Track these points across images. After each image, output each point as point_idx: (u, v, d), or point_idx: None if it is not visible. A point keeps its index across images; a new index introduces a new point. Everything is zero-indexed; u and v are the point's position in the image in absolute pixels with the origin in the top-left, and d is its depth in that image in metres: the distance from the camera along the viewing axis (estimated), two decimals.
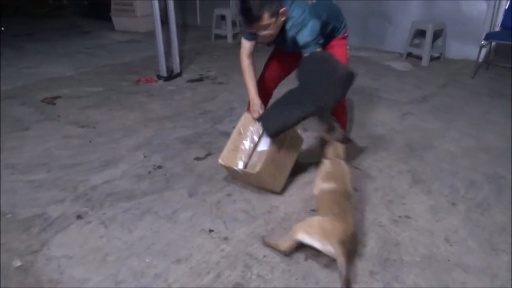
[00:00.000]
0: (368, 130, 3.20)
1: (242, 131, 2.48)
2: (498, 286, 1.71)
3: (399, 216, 2.16)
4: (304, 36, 2.10)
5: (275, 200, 2.31)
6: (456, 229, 2.06)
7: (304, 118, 2.07)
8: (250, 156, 2.46)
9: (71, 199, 2.34)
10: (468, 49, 4.95)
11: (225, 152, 2.40)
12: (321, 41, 2.17)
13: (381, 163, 2.70)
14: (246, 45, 2.38)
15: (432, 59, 5.14)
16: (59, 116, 3.55)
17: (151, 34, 4.66)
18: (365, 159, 2.74)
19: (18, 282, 1.74)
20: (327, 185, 1.98)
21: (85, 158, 2.80)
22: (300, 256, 1.87)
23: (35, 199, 2.34)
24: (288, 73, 2.62)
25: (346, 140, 2.16)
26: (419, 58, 5.11)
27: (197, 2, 8.07)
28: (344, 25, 2.46)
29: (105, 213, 2.20)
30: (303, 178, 2.52)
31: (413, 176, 2.54)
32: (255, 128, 2.48)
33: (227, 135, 3.01)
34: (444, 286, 1.71)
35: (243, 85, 2.55)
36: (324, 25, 2.23)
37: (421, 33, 5.08)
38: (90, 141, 3.06)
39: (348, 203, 1.90)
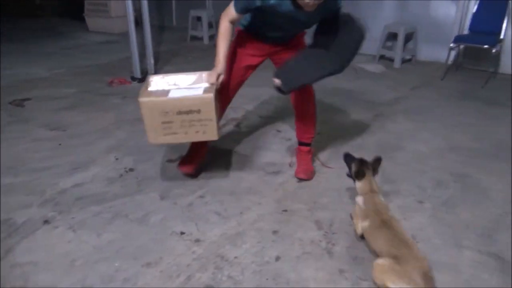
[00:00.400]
0: (341, 131, 3.25)
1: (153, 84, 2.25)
2: (462, 281, 1.77)
3: None
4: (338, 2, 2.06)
5: (248, 201, 2.31)
6: (423, 227, 2.12)
7: (321, 79, 2.17)
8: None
9: (38, 204, 2.28)
10: (438, 51, 5.09)
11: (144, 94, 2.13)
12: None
13: None
14: (233, 14, 2.11)
15: (404, 61, 5.26)
16: (28, 119, 3.46)
17: (126, 35, 4.60)
18: (336, 159, 2.78)
19: None
20: (367, 223, 1.88)
21: (55, 162, 2.74)
22: (271, 256, 1.89)
23: (2, 203, 2.27)
24: (249, 75, 2.47)
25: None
26: (392, 60, 5.23)
27: (173, 3, 8.02)
28: None
29: (73, 218, 2.16)
30: (276, 179, 2.54)
31: (382, 176, 2.58)
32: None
33: None
34: None
35: None
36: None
37: (393, 36, 5.20)
38: (60, 144, 3.00)
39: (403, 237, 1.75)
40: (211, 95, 2.03)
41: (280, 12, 2.02)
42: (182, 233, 2.05)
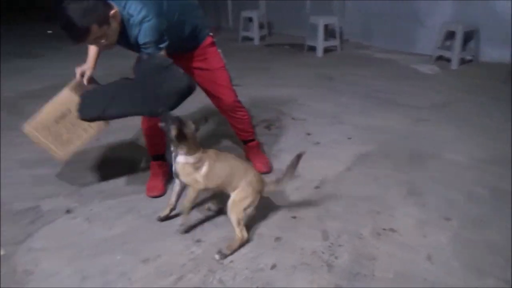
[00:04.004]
0: (373, 135, 3.07)
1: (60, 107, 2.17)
2: None
3: (383, 229, 2.05)
4: (143, 36, 1.84)
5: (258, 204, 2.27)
6: (442, 246, 1.92)
7: (125, 116, 1.98)
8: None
9: (65, 194, 2.45)
10: (504, 52, 4.61)
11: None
12: (163, 44, 1.90)
13: (379, 170, 2.58)
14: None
15: (464, 62, 4.84)
16: None
17: None
18: (361, 166, 2.63)
19: None
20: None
21: (90, 156, 2.92)
22: (267, 264, 1.83)
23: (33, 192, 2.48)
24: None
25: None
26: (450, 61, 4.83)
27: (229, 4, 8.17)
28: (206, 25, 2.26)
29: (91, 209, 2.28)
30: (293, 183, 2.45)
31: (410, 187, 2.40)
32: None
33: (229, 136, 3.03)
34: None
35: (256, 88, 2.54)
36: (176, 25, 2.01)
37: (452, 35, 4.80)
38: (96, 140, 3.18)
39: None
40: (66, 89, 2.04)
41: None
42: (186, 232, 2.07)
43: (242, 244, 1.92)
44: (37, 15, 10.61)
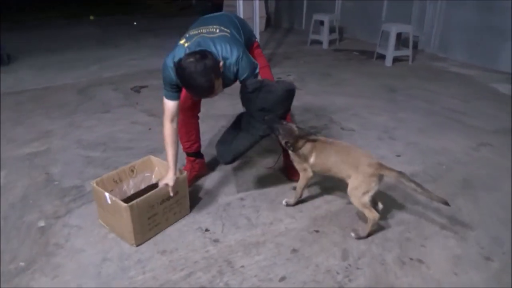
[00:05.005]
0: (425, 156, 2.84)
1: (136, 170, 2.30)
2: None
3: (410, 259, 1.89)
4: (241, 73, 1.98)
5: (283, 213, 2.23)
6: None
7: (255, 143, 2.08)
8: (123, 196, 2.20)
9: None
10: None
11: (105, 176, 2.17)
12: (257, 69, 2.04)
13: (421, 195, 2.38)
14: (170, 106, 2.05)
15: None
16: (137, 103, 3.98)
17: None
18: (402, 187, 2.45)
19: (33, 240, 2.04)
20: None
21: (138, 144, 3.09)
22: (277, 275, 1.79)
23: (82, 172, 2.68)
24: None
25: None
26: None
27: (304, 6, 8.10)
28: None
29: None
30: (324, 197, 2.39)
31: (451, 217, 2.19)
32: (147, 176, 2.34)
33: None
34: None
35: (314, 93, 2.51)
36: (245, 44, 2.12)
37: None
38: (150, 129, 3.36)
39: None
40: (184, 174, 2.13)
41: None
42: (207, 230, 2.10)
43: (374, 224, 2.00)
44: (126, 8, 11.52)
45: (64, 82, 4.77)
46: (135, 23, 9.25)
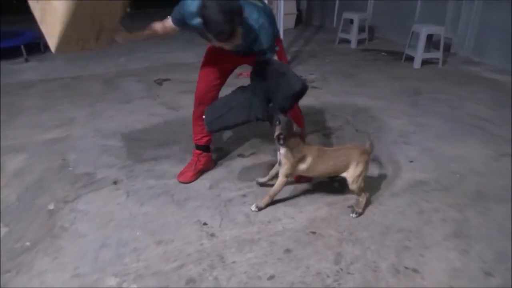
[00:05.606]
0: (440, 163, 2.75)
1: None
2: None
3: (406, 267, 1.84)
4: (260, 43, 1.98)
5: (283, 213, 2.23)
6: None
7: (248, 122, 2.07)
8: None
9: (119, 167, 2.70)
10: None
11: None
12: (276, 49, 2.06)
13: (428, 203, 2.31)
14: (169, 24, 2.17)
15: None
16: (157, 96, 4.08)
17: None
18: (410, 193, 2.39)
19: (41, 222, 2.15)
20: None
21: (152, 136, 3.18)
22: (266, 273, 1.80)
23: (95, 160, 2.79)
24: (225, 80, 2.46)
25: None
26: None
27: (337, 4, 7.98)
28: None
29: (134, 185, 2.49)
30: (326, 198, 2.36)
31: (457, 228, 2.11)
32: None
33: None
34: None
35: (334, 93, 2.51)
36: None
37: None
38: (165, 122, 3.44)
39: None
40: None
41: None
42: (204, 223, 2.14)
43: (367, 202, 2.24)
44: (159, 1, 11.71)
45: (93, 72, 4.96)
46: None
